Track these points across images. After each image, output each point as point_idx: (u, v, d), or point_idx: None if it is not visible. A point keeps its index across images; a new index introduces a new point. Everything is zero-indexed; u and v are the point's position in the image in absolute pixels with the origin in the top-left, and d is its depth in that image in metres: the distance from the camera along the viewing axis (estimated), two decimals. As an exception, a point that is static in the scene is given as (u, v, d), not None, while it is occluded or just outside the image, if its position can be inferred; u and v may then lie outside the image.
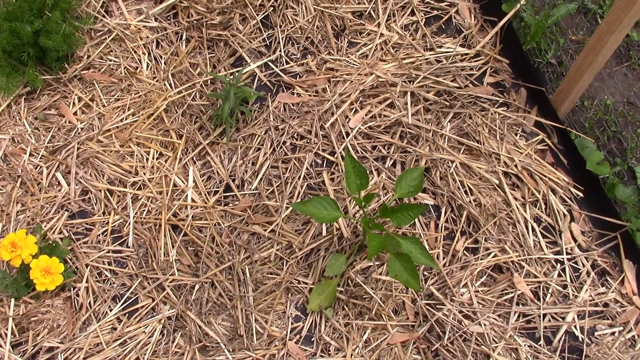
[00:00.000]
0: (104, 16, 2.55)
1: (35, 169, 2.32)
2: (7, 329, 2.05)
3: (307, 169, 2.31)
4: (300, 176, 2.29)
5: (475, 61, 2.52)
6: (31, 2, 2.36)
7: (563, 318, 2.11)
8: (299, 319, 2.12)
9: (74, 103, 2.43)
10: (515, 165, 2.30)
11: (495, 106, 2.45)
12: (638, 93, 2.57)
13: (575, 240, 2.23)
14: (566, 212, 2.26)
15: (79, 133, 2.38)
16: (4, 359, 2.01)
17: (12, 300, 2.08)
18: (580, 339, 2.09)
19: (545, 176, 2.30)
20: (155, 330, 2.09)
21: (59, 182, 2.30)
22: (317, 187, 2.29)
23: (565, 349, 2.08)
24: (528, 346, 2.07)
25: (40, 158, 2.34)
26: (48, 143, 2.36)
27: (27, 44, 2.34)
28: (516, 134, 2.40)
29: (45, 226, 2.21)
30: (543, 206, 2.27)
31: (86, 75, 2.46)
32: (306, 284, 2.15)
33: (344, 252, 2.16)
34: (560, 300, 2.14)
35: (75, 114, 2.41)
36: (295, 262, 2.17)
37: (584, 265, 2.20)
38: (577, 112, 2.53)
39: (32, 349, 2.04)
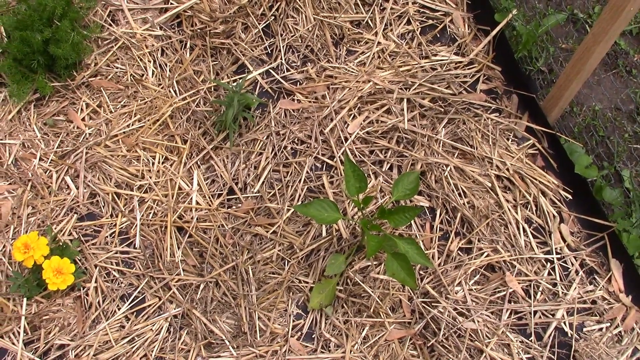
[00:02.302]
0: (110, 25, 2.64)
1: (45, 173, 2.40)
2: (19, 327, 2.13)
3: (307, 172, 2.40)
4: (300, 179, 2.38)
5: (468, 69, 2.61)
6: (41, 11, 2.44)
7: (553, 315, 2.20)
8: (300, 317, 2.20)
9: (82, 109, 2.51)
10: (507, 169, 2.40)
11: (488, 112, 2.54)
12: (625, 99, 2.67)
13: (564, 241, 2.33)
14: (556, 214, 2.35)
15: (87, 138, 2.46)
16: (16, 357, 2.09)
17: (25, 299, 2.16)
18: (570, 335, 2.18)
19: (535, 179, 2.39)
20: (162, 328, 2.17)
21: (68, 186, 2.38)
22: (317, 190, 2.38)
23: (555, 345, 2.17)
24: (520, 342, 2.16)
25: (50, 162, 2.42)
26: (57, 148, 2.44)
27: (37, 52, 2.42)
28: (508, 139, 2.49)
29: (55, 228, 2.29)
30: (534, 208, 2.36)
31: (94, 83, 2.54)
32: (307, 283, 2.23)
33: (343, 252, 2.25)
34: (550, 298, 2.23)
35: (83, 119, 2.49)
36: (297, 262, 2.26)
37: (572, 264, 2.29)
38: (566, 117, 2.62)
39: (44, 347, 2.12)
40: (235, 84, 2.55)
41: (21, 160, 2.42)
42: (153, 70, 2.58)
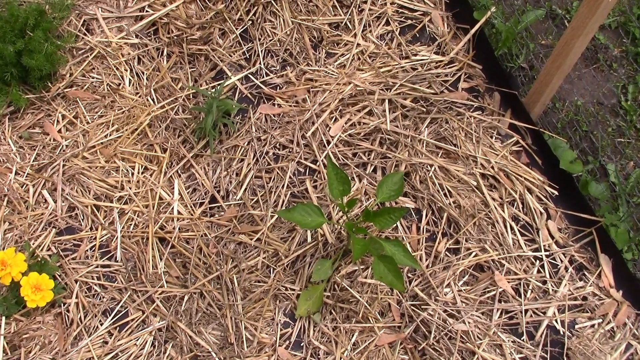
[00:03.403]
0: (85, 34, 2.59)
1: (22, 187, 2.34)
2: (-2, 347, 2.07)
3: (290, 177, 2.36)
4: (283, 185, 2.34)
5: (449, 68, 2.60)
6: (13, 22, 2.39)
7: (544, 313, 2.18)
8: (288, 325, 2.16)
9: (58, 121, 2.46)
10: (492, 167, 2.38)
11: (471, 110, 2.53)
12: (607, 93, 2.67)
13: (552, 237, 2.31)
14: (542, 211, 2.33)
15: (64, 150, 2.40)
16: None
17: (3, 318, 2.10)
18: (562, 333, 2.16)
19: (521, 176, 2.38)
20: (146, 343, 2.12)
21: (45, 200, 2.33)
22: (300, 195, 2.34)
23: (547, 343, 2.15)
24: (512, 341, 2.13)
25: (26, 176, 2.36)
26: (33, 161, 2.38)
27: (10, 63, 2.37)
28: (492, 137, 2.47)
29: (33, 244, 2.23)
30: (520, 205, 2.34)
31: (69, 93, 2.49)
32: (293, 290, 2.19)
33: (329, 257, 2.21)
34: (541, 296, 2.21)
35: (59, 131, 2.44)
36: (282, 270, 2.22)
37: (561, 261, 2.27)
38: (549, 113, 2.62)
39: (25, 366, 2.07)
40: (213, 90, 2.51)
41: (-4, 176, 2.36)
42: (130, 79, 2.54)
